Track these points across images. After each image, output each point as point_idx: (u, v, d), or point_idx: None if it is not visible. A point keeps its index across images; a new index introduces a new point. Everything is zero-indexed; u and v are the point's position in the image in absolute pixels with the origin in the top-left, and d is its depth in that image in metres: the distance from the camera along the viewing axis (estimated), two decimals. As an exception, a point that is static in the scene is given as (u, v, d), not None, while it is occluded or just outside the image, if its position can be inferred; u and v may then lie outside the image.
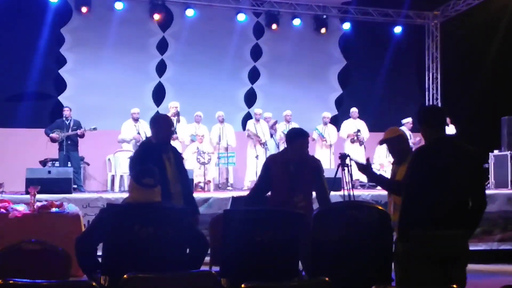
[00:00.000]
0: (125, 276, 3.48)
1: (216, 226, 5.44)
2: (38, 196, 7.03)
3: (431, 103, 15.48)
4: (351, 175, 6.81)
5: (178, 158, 5.49)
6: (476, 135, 12.86)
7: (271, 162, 5.47)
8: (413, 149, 5.21)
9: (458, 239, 3.94)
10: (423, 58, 15.70)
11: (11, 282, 3.13)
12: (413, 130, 12.42)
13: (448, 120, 12.81)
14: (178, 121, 11.44)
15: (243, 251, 4.30)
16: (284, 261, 4.29)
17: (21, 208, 6.58)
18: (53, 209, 6.72)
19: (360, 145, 12.36)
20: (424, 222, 3.92)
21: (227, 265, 4.35)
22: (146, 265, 3.75)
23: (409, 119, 12.65)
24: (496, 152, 11.77)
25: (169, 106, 11.67)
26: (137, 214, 3.97)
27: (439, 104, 15.37)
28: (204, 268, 4.15)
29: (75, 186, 10.38)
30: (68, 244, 6.08)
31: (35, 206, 6.65)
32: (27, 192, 7.63)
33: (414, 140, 12.12)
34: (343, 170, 6.73)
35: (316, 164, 5.42)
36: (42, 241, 3.89)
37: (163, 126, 5.41)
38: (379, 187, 7.97)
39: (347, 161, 6.65)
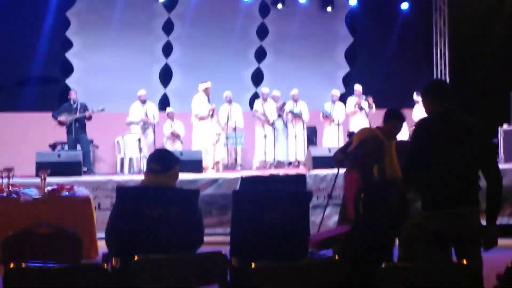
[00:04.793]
0: (136, 257, 3.52)
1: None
2: (49, 179, 7.06)
3: (439, 78, 15.36)
4: None
5: None
6: (485, 110, 12.80)
7: None
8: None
9: (466, 217, 3.79)
10: (431, 33, 15.54)
11: (23, 266, 3.17)
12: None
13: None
14: (208, 101, 11.29)
15: (253, 231, 4.33)
16: (294, 240, 4.31)
17: (32, 192, 6.61)
18: (64, 193, 6.76)
19: (370, 107, 12.21)
20: (430, 200, 3.85)
21: (238, 245, 4.38)
22: (157, 246, 3.78)
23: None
24: (505, 126, 11.70)
25: (202, 88, 11.39)
26: (147, 196, 3.99)
27: (448, 80, 15.26)
28: (215, 248, 4.17)
29: (85, 169, 10.43)
30: (80, 227, 6.19)
31: (45, 191, 6.69)
32: (37, 176, 7.67)
33: None
34: None
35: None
36: (53, 225, 3.91)
37: None
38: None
39: None
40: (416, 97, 12.51)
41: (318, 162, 10.33)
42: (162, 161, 4.14)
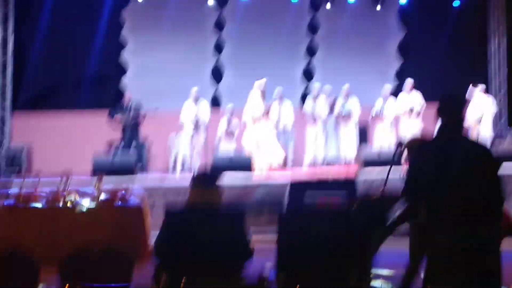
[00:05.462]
0: (183, 278, 3.66)
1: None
2: (104, 179, 7.26)
3: (497, 70, 14.90)
4: None
5: None
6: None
7: None
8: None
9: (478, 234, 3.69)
10: (487, 23, 15.07)
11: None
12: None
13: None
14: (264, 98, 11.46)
15: (299, 248, 4.40)
16: (344, 255, 4.35)
17: (87, 202, 6.78)
18: (117, 202, 6.90)
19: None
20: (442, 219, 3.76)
21: (284, 261, 4.45)
22: (204, 266, 3.90)
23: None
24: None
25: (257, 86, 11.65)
26: (193, 218, 4.07)
27: (506, 71, 14.77)
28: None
29: (139, 167, 10.70)
30: (132, 235, 6.42)
31: (99, 200, 6.90)
32: (93, 176, 7.86)
33: None
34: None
35: None
36: (106, 245, 4.08)
37: None
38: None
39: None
40: (472, 89, 12.28)
41: (369, 161, 10.30)
42: (206, 178, 4.25)
